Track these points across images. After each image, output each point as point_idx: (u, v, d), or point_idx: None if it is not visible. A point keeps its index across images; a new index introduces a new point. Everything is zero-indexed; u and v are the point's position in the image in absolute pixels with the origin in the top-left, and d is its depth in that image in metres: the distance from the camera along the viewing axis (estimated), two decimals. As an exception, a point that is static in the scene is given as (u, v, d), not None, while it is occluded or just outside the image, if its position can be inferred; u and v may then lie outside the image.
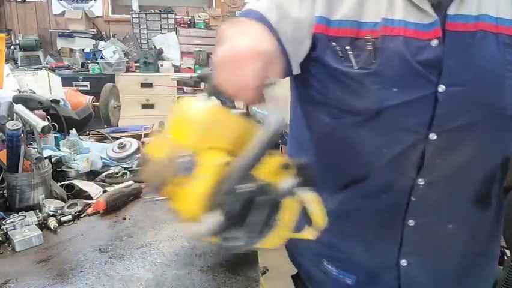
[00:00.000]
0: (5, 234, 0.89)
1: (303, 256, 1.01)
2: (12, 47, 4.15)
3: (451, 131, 0.75)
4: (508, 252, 1.35)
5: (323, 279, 0.96)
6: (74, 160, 1.23)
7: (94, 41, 4.40)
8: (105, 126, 1.77)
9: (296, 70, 0.80)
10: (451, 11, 0.73)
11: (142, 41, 4.47)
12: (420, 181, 0.79)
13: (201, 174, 0.59)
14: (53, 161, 1.16)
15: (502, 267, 1.34)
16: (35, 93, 1.49)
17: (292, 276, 1.10)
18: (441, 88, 0.73)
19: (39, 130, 1.00)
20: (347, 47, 0.76)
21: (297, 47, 0.78)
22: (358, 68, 0.75)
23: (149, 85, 4.07)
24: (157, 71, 4.16)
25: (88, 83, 3.91)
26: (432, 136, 0.75)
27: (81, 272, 0.78)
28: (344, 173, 0.86)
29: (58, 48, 4.48)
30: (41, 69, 3.00)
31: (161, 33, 4.44)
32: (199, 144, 0.61)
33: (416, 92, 0.74)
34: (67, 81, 2.70)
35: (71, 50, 4.41)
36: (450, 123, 0.74)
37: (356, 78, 0.75)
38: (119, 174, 1.25)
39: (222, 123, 0.64)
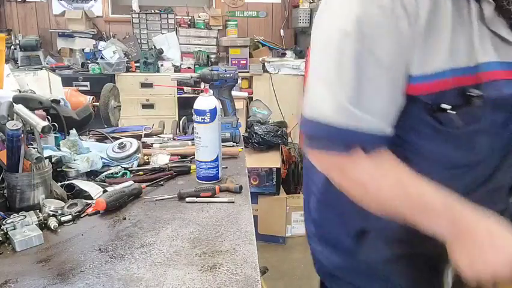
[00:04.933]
0: (5, 234, 0.89)
1: None
2: (12, 47, 4.14)
3: None
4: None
5: None
6: (74, 160, 1.23)
7: (94, 41, 4.40)
8: (105, 126, 1.77)
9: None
10: None
11: (142, 41, 4.46)
12: None
13: None
14: (53, 161, 1.16)
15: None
16: (35, 93, 1.49)
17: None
18: None
19: (40, 130, 1.00)
20: (443, 105, 0.69)
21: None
22: (464, 123, 0.70)
23: (149, 85, 4.06)
24: (157, 71, 4.15)
25: (88, 83, 3.90)
26: None
27: (81, 272, 0.78)
28: None
29: (58, 48, 4.47)
30: (41, 69, 3.00)
31: (161, 33, 4.44)
32: None
33: None
34: (67, 81, 2.71)
35: (71, 50, 4.40)
36: None
37: (464, 135, 0.72)
38: (119, 174, 1.25)
39: None
